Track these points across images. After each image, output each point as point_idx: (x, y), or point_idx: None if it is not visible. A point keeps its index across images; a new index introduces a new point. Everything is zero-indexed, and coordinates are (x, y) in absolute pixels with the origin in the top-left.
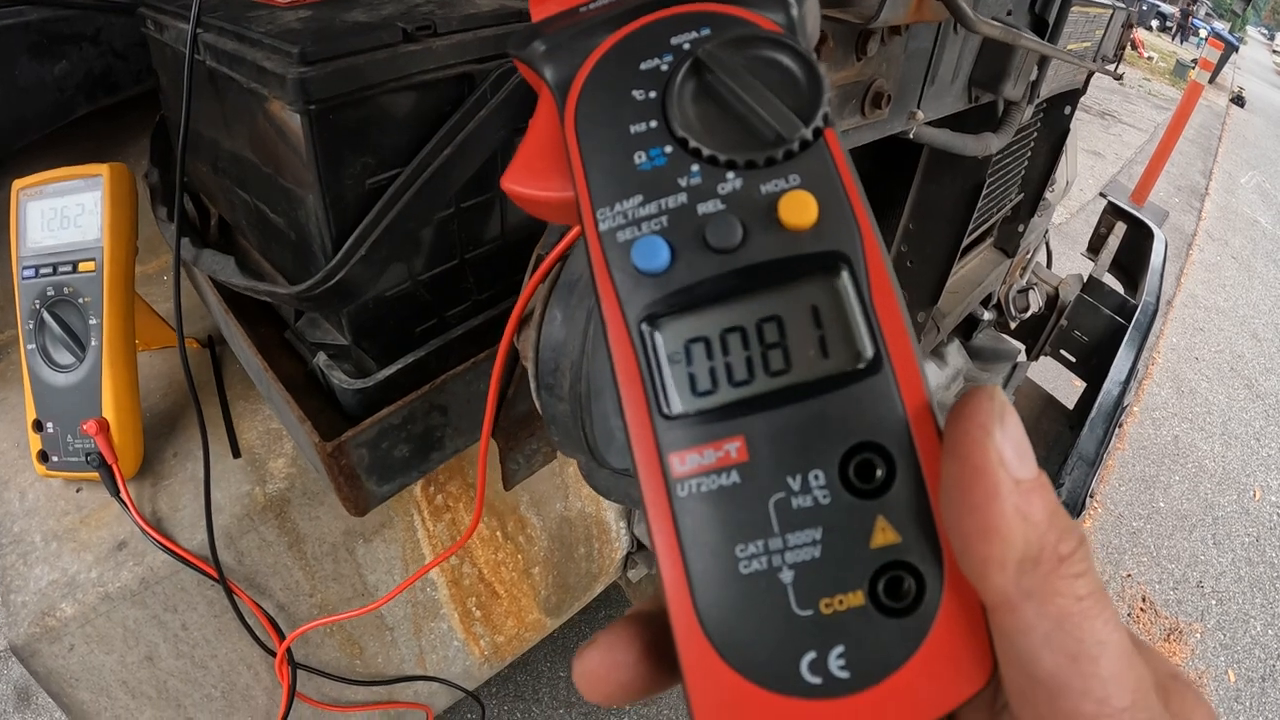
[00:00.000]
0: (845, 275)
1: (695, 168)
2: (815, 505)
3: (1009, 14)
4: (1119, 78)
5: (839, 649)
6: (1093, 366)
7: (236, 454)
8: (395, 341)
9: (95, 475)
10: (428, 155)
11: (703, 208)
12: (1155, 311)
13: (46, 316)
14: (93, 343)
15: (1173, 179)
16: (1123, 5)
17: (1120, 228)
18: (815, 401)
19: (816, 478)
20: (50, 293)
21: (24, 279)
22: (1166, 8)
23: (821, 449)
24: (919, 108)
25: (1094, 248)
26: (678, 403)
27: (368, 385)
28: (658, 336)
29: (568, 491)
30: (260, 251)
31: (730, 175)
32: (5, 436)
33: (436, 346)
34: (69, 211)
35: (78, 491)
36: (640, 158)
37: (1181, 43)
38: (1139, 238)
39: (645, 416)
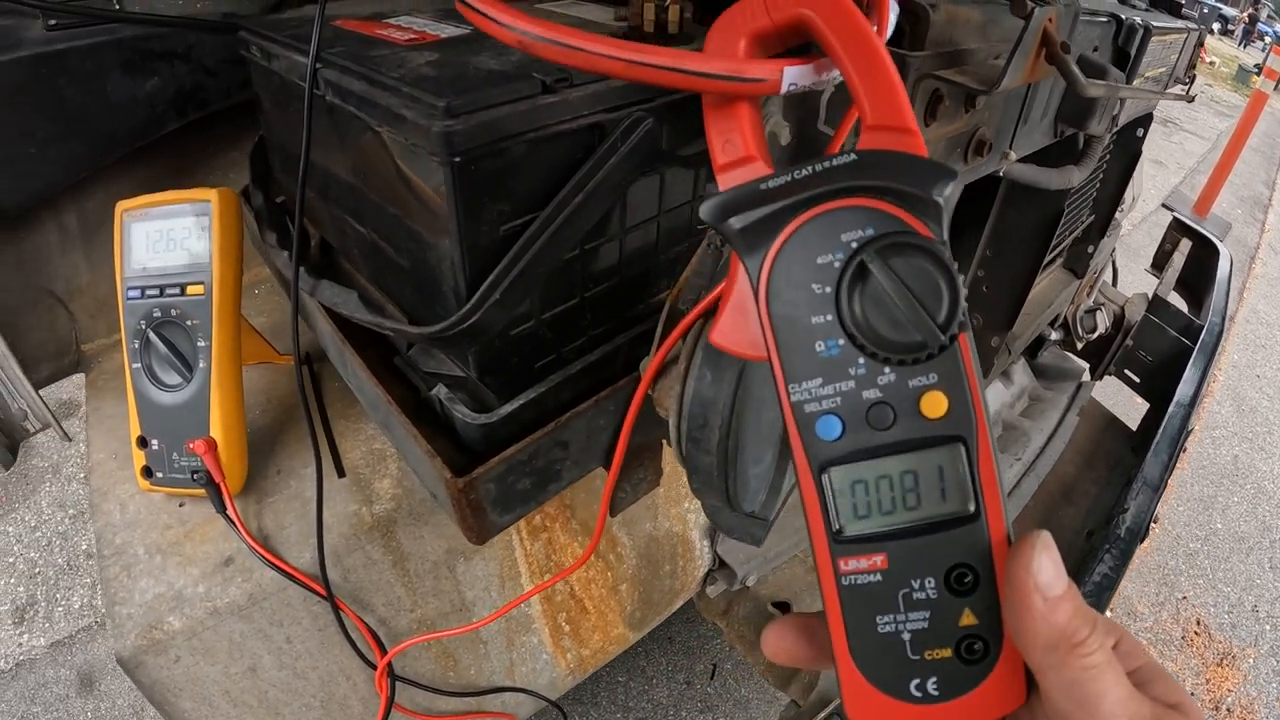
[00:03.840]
0: (962, 450)
1: (861, 360)
2: (927, 598)
3: (1095, 50)
4: (1191, 100)
5: (934, 679)
6: (1157, 387)
7: (341, 473)
8: (517, 376)
9: (200, 492)
10: (561, 202)
11: (866, 394)
12: (1221, 332)
13: (153, 337)
14: (200, 364)
15: (1235, 189)
16: (1196, 26)
17: (1185, 244)
18: (934, 534)
19: (930, 581)
20: (157, 314)
21: (129, 299)
22: (1229, 10)
23: (934, 564)
24: (1011, 148)
25: (1159, 264)
26: (844, 525)
27: (492, 421)
28: (831, 479)
29: (656, 512)
30: (373, 281)
31: (886, 370)
32: (102, 448)
33: (556, 382)
34: (176, 235)
35: (180, 506)
36: (820, 346)
37: (1244, 47)
38: (1204, 255)
39: (823, 532)
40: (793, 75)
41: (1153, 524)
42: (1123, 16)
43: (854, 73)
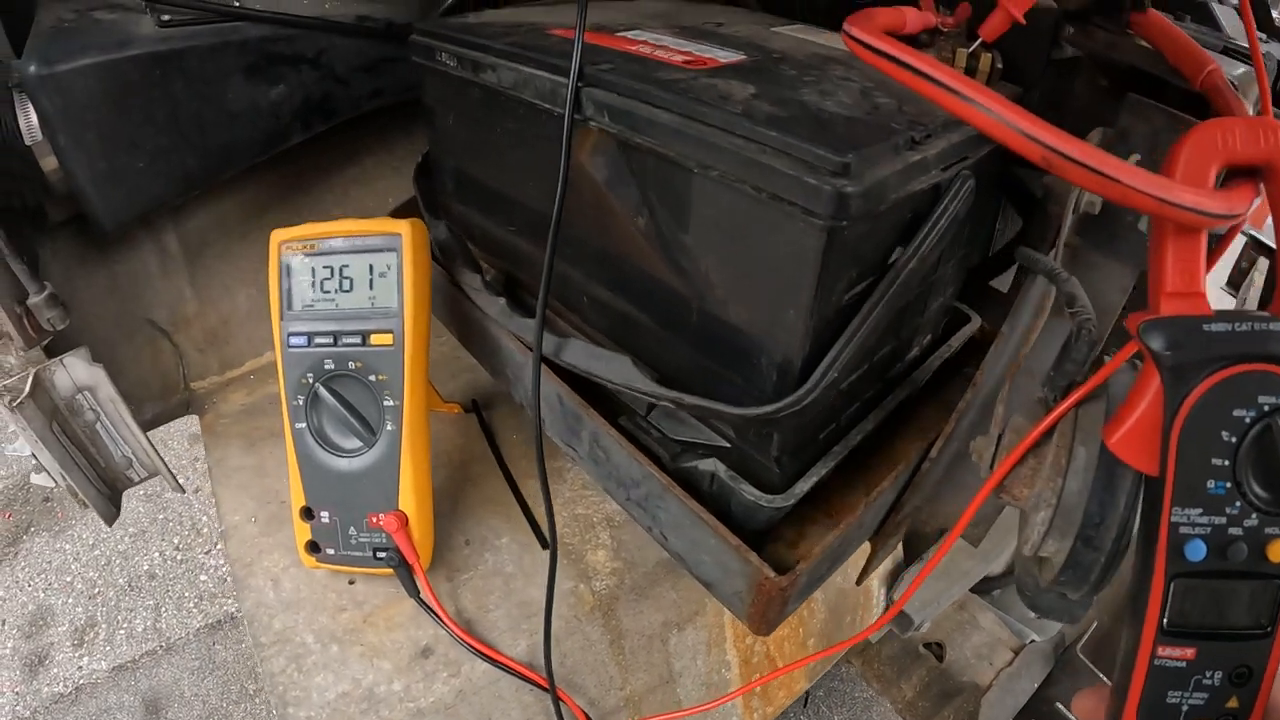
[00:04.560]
0: (1277, 587)
1: (1238, 504)
2: (1211, 684)
3: None
4: None
5: None
6: None
7: (544, 544)
8: (804, 450)
9: (384, 570)
10: (899, 267)
11: (1231, 530)
12: None
13: (323, 393)
14: (388, 426)
15: None
16: None
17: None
18: (1235, 641)
19: (1218, 674)
20: (329, 366)
21: (292, 348)
22: None
23: (1227, 661)
24: None
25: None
26: (1172, 621)
27: (788, 504)
28: (1177, 587)
29: (847, 564)
30: (609, 334)
31: (1253, 515)
32: (236, 508)
33: (841, 456)
34: (356, 273)
35: (351, 584)
36: (1210, 484)
37: None
38: None
39: (1155, 623)
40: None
41: None
42: None
43: None
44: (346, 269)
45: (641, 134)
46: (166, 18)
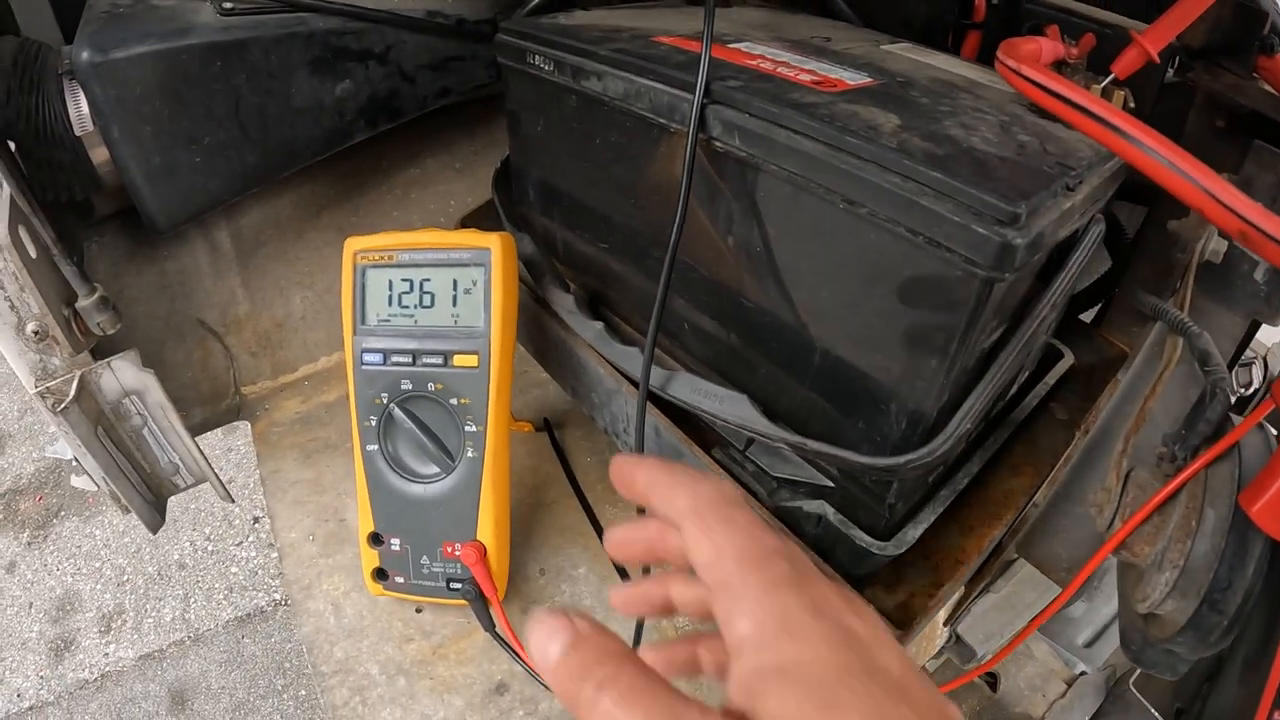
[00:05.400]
0: None
1: None
2: None
3: None
4: None
5: None
6: None
7: (624, 574)
8: (915, 495)
9: (457, 601)
10: (1034, 314)
11: None
12: None
13: (399, 414)
14: (468, 453)
15: None
16: None
17: None
18: None
19: None
20: (406, 386)
21: (366, 365)
22: None
23: None
24: None
25: None
26: None
27: (899, 552)
28: None
29: None
30: (719, 371)
31: None
32: (291, 524)
33: (949, 500)
34: (436, 288)
35: (418, 613)
36: None
37: None
38: None
39: (1277, 686)
40: None
41: None
42: None
43: None
44: (428, 283)
45: (779, 161)
46: (229, 5)
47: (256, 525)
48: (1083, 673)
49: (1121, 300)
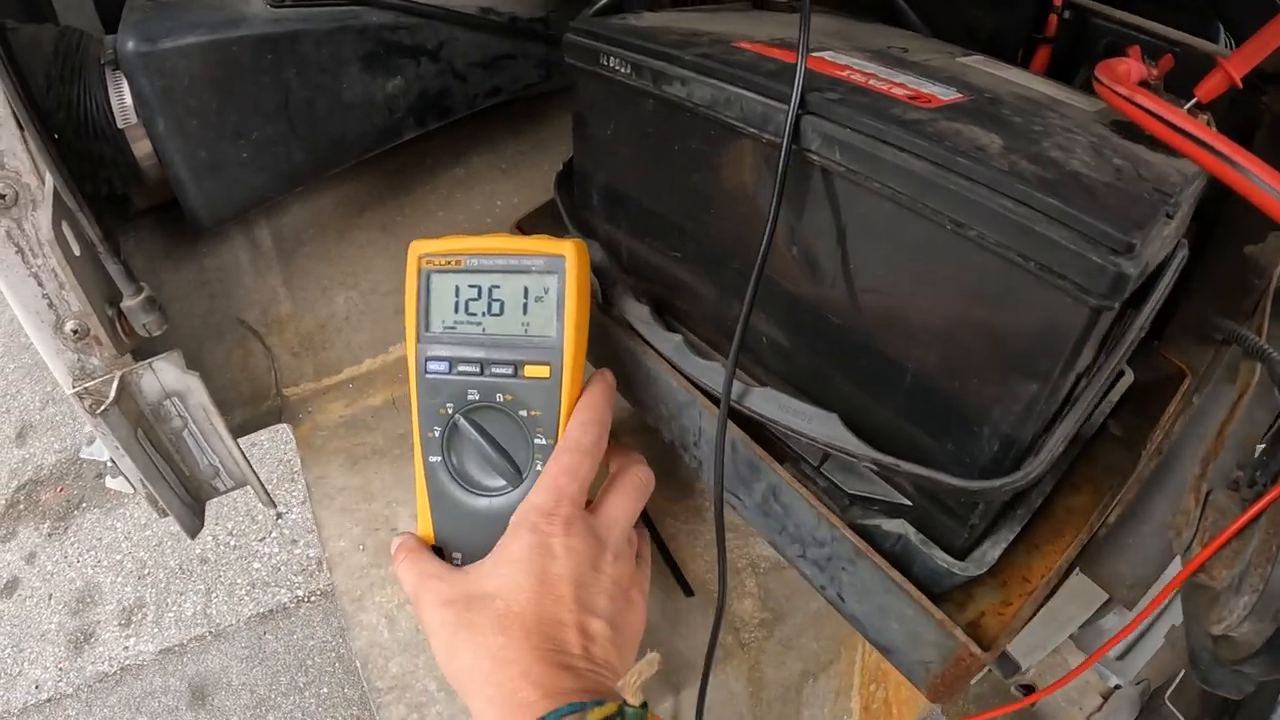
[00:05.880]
0: None
1: None
2: None
3: None
4: None
5: None
6: None
7: (689, 591)
8: (992, 514)
9: None
10: (1127, 340)
11: None
12: None
13: (464, 425)
14: (537, 467)
15: None
16: None
17: None
18: None
19: None
20: (473, 396)
21: (430, 373)
22: None
23: None
24: None
25: None
26: None
27: (979, 572)
28: None
29: None
30: (798, 386)
31: None
32: (340, 533)
33: (1026, 520)
34: (506, 295)
35: None
36: None
37: None
38: None
39: None
40: None
41: None
42: None
43: None
44: (497, 290)
45: (883, 179)
46: None
47: (280, 521)
48: (1117, 686)
49: (1180, 319)
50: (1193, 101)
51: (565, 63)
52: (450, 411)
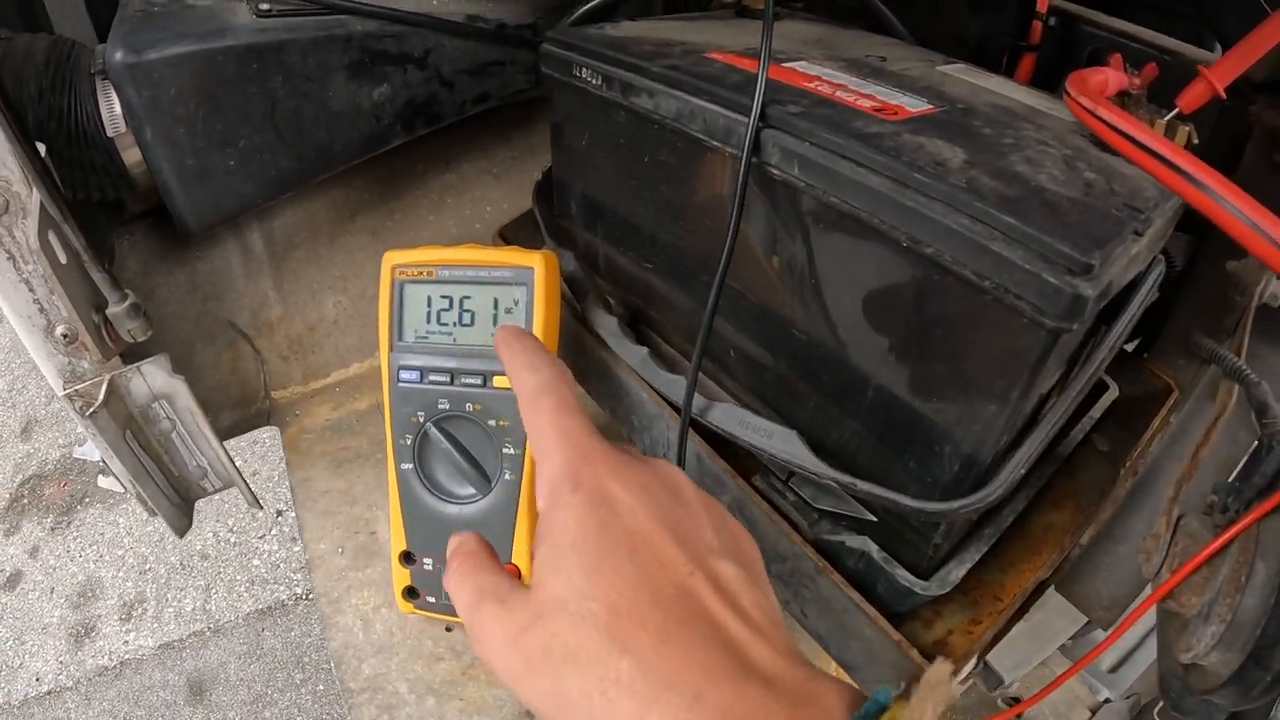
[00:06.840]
0: None
1: None
2: None
3: None
4: None
5: None
6: None
7: None
8: (958, 533)
9: None
10: (1095, 359)
11: None
12: None
13: (435, 433)
14: (506, 475)
15: None
16: None
17: None
18: None
19: None
20: (444, 405)
21: (402, 383)
22: None
23: None
24: None
25: None
26: None
27: (942, 592)
28: None
29: None
30: (764, 399)
31: None
32: (321, 535)
33: (994, 539)
34: (477, 306)
35: (448, 631)
36: None
37: None
38: None
39: None
40: None
41: None
42: None
43: None
44: (468, 301)
45: (841, 194)
46: (266, 7)
47: (280, 519)
48: (1107, 699)
49: (1169, 332)
50: (1173, 112)
51: (537, 68)
52: (422, 420)
